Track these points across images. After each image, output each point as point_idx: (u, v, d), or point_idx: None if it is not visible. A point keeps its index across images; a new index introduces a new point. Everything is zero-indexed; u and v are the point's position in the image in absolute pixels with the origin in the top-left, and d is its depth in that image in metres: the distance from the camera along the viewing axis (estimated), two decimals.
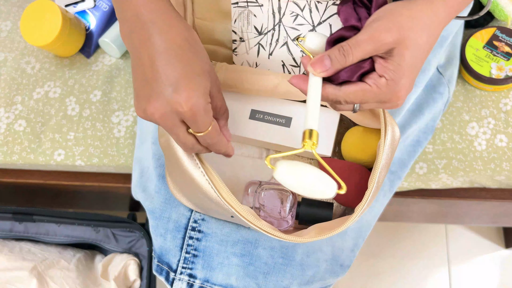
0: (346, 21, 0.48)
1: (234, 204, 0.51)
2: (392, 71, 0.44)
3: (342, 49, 0.44)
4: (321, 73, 0.45)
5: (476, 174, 0.78)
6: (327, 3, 0.57)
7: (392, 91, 0.45)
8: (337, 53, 0.44)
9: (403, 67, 0.44)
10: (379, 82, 0.45)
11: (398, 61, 0.44)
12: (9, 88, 0.90)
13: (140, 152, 0.71)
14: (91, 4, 0.91)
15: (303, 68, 0.49)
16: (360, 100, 0.46)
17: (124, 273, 0.87)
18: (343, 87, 0.46)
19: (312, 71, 0.45)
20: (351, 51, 0.44)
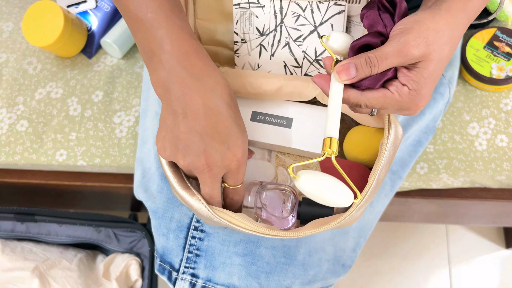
0: (372, 27, 0.48)
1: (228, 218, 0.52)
2: (415, 82, 0.45)
3: (369, 60, 0.45)
4: (345, 81, 0.46)
5: (476, 174, 0.78)
6: (328, 3, 0.57)
7: (413, 101, 0.46)
8: (364, 64, 0.45)
9: (426, 79, 0.46)
10: (401, 90, 0.46)
11: (421, 72, 0.45)
12: (11, 89, 0.90)
13: (142, 152, 0.71)
14: (93, 5, 0.91)
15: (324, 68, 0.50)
16: (381, 106, 0.47)
17: (126, 273, 0.87)
18: (366, 92, 0.46)
19: (337, 78, 0.46)
20: (378, 63, 0.45)
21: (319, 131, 0.62)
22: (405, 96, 0.46)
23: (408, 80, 0.45)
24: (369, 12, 0.48)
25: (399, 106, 0.47)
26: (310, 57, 0.62)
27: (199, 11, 0.63)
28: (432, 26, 0.45)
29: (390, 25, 0.47)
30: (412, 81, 0.45)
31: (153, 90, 0.72)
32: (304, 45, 0.61)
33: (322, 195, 0.45)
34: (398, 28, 0.46)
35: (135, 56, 0.92)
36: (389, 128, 0.53)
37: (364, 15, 0.48)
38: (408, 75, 0.45)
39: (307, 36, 0.61)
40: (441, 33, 0.46)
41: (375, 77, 0.46)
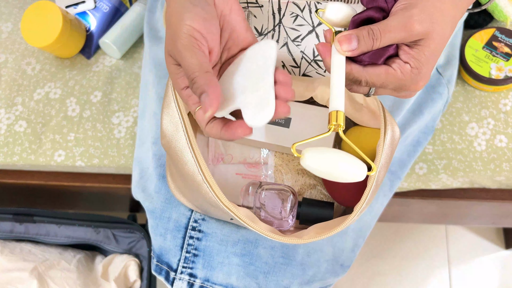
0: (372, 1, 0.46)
1: (232, 208, 0.51)
2: (417, 60, 0.44)
3: (372, 32, 0.44)
4: (346, 52, 0.44)
5: (476, 174, 0.78)
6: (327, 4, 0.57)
7: (414, 79, 0.45)
8: (366, 35, 0.44)
9: (428, 57, 0.45)
10: (404, 68, 0.45)
11: (423, 50, 0.44)
12: (10, 89, 0.90)
13: (140, 152, 0.71)
14: (92, 5, 0.91)
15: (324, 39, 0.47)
16: (382, 83, 0.46)
17: (125, 274, 0.87)
18: (368, 67, 0.45)
19: (338, 47, 0.44)
20: (380, 36, 0.43)
21: (317, 130, 0.62)
22: (407, 74, 0.45)
23: (410, 58, 0.44)
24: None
25: (400, 84, 0.46)
26: (308, 57, 0.62)
27: None
28: (437, 4, 0.44)
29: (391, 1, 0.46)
30: (413, 59, 0.44)
31: (151, 90, 0.73)
32: (302, 45, 0.61)
33: (331, 171, 0.42)
34: (402, 3, 0.45)
35: (134, 57, 0.92)
36: (386, 129, 0.53)
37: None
38: (410, 53, 0.44)
39: (305, 36, 0.60)
40: (446, 11, 0.45)
41: (376, 52, 0.44)
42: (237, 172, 0.66)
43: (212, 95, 0.40)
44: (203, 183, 0.50)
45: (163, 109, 0.54)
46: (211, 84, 0.41)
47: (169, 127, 0.52)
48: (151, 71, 0.74)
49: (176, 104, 0.52)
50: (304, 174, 0.65)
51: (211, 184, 0.50)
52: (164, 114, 0.53)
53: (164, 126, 0.53)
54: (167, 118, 0.53)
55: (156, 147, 0.68)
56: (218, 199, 0.50)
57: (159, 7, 0.79)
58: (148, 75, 0.75)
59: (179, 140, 0.51)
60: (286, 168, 0.65)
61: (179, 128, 0.51)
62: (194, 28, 0.43)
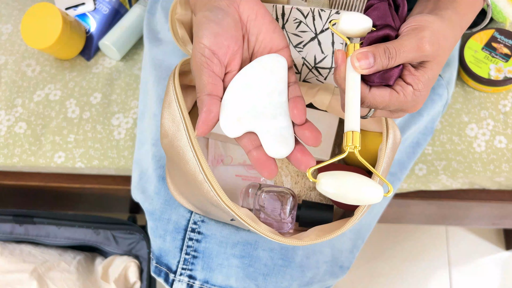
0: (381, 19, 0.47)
1: (233, 207, 0.51)
2: (420, 81, 0.45)
3: (388, 50, 0.44)
4: (363, 70, 0.44)
5: (475, 175, 0.78)
6: (330, 11, 0.57)
7: (415, 101, 0.46)
8: (383, 53, 0.44)
9: (430, 80, 0.46)
10: (406, 90, 0.45)
11: (427, 73, 0.45)
12: (10, 91, 0.90)
13: (140, 154, 0.71)
14: (91, 7, 0.91)
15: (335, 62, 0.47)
16: (385, 105, 0.46)
17: (124, 275, 0.87)
18: (373, 89, 0.46)
19: (355, 63, 0.44)
20: (396, 55, 0.44)
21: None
22: (409, 96, 0.45)
23: (414, 79, 0.45)
24: (380, 4, 0.47)
25: (401, 106, 0.46)
26: (310, 64, 0.62)
27: None
28: (441, 30, 0.46)
29: (397, 21, 0.47)
30: (417, 80, 0.45)
31: (151, 92, 0.73)
32: (304, 52, 0.61)
33: (348, 195, 0.42)
34: (412, 24, 0.45)
35: (134, 58, 0.92)
36: (388, 133, 0.53)
37: (373, 6, 0.47)
38: (415, 74, 0.45)
39: (307, 43, 0.60)
40: (447, 38, 0.46)
41: (385, 72, 0.45)
42: (237, 174, 0.66)
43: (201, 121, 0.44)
44: (205, 182, 0.50)
45: (164, 108, 0.54)
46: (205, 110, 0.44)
47: (170, 127, 0.52)
48: (150, 73, 0.74)
49: (177, 103, 0.52)
50: (304, 176, 0.65)
51: (213, 183, 0.50)
52: (165, 114, 0.53)
53: (166, 126, 0.53)
54: (168, 118, 0.53)
55: (156, 148, 0.68)
56: (219, 198, 0.50)
57: (159, 9, 0.79)
58: (147, 77, 0.75)
59: (181, 139, 0.51)
60: (285, 170, 0.65)
61: (181, 127, 0.51)
62: (205, 46, 0.45)
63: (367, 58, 0.44)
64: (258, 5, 0.48)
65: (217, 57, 0.45)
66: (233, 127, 0.46)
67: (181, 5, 0.68)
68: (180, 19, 0.67)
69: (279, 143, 0.45)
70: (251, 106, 0.46)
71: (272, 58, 0.47)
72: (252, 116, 0.46)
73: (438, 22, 0.46)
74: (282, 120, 0.45)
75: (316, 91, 0.60)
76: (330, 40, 0.59)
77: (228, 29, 0.46)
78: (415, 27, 0.45)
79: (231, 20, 0.46)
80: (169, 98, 0.53)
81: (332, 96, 0.60)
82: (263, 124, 0.45)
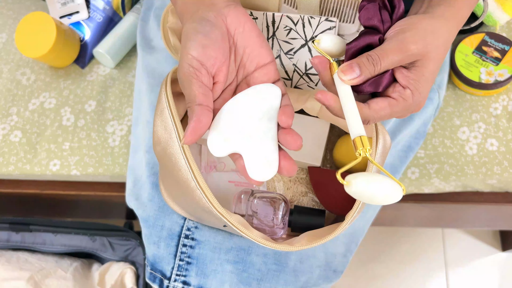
0: (369, 20, 0.47)
1: (225, 214, 0.51)
2: (416, 81, 0.45)
3: (371, 57, 0.45)
4: (351, 80, 0.45)
5: (467, 178, 0.78)
6: (320, 18, 0.58)
7: (416, 101, 0.46)
8: (366, 62, 0.45)
9: (426, 77, 0.46)
10: (404, 94, 0.46)
11: (422, 71, 0.46)
12: (5, 100, 0.91)
13: (134, 160, 0.71)
14: (86, 16, 0.92)
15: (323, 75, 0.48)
16: (389, 115, 0.46)
17: (121, 282, 0.87)
18: (372, 104, 0.46)
19: (342, 76, 0.45)
20: (379, 60, 0.45)
21: (308, 140, 0.63)
22: (409, 99, 0.46)
23: (409, 81, 0.45)
24: (369, 5, 0.47)
25: (405, 111, 0.47)
26: (300, 70, 0.62)
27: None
28: (429, 28, 0.46)
29: (388, 21, 0.47)
30: (412, 81, 0.45)
31: (144, 99, 0.73)
32: (295, 58, 0.62)
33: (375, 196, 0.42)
34: (395, 29, 0.46)
35: (128, 66, 0.92)
36: (377, 139, 0.54)
37: (364, 7, 0.48)
38: (408, 75, 0.45)
39: (298, 49, 0.61)
40: (438, 34, 0.46)
41: (375, 80, 0.45)
42: (230, 180, 0.67)
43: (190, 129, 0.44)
44: (197, 189, 0.51)
45: (156, 116, 0.54)
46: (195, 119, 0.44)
47: (163, 134, 0.53)
48: (143, 80, 0.74)
49: (169, 111, 0.52)
50: (296, 182, 0.65)
51: (204, 190, 0.51)
52: (158, 121, 0.54)
53: (159, 133, 0.53)
54: (161, 125, 0.53)
55: (149, 155, 0.68)
56: (211, 205, 0.51)
57: (151, 16, 0.79)
58: (141, 84, 0.76)
59: (173, 146, 0.52)
60: (278, 176, 0.65)
61: (173, 135, 0.52)
62: (193, 57, 0.45)
63: (353, 70, 0.45)
64: (245, 18, 0.49)
65: (205, 68, 0.46)
66: (219, 147, 0.46)
67: (172, 13, 0.69)
68: (171, 27, 0.68)
69: (263, 166, 0.45)
70: (240, 129, 0.46)
71: (268, 87, 0.48)
72: (239, 138, 0.46)
73: (426, 20, 0.47)
74: (268, 145, 0.46)
75: (307, 97, 0.61)
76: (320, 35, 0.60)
77: (215, 41, 0.46)
78: (398, 30, 0.46)
79: (218, 32, 0.47)
80: (161, 105, 0.54)
81: None
82: (249, 147, 0.46)
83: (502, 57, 0.80)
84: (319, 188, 0.63)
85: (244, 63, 0.50)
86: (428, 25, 0.46)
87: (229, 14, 0.48)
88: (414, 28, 0.46)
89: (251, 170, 0.45)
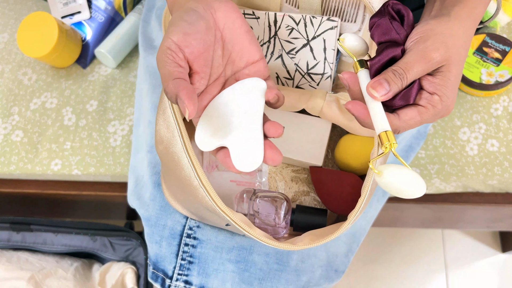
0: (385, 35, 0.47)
1: (228, 213, 0.52)
2: (443, 86, 0.45)
3: (397, 72, 0.45)
4: (382, 96, 0.44)
5: (468, 179, 0.78)
6: (321, 18, 0.58)
7: (445, 106, 0.46)
8: (393, 76, 0.44)
9: (452, 81, 0.46)
10: (432, 100, 0.45)
11: (447, 76, 0.45)
12: (6, 99, 0.91)
13: (135, 160, 0.71)
14: (87, 16, 0.92)
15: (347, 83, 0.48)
16: (419, 123, 0.46)
17: (122, 282, 0.87)
18: (401, 115, 0.46)
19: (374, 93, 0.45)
20: (404, 73, 0.44)
21: (310, 140, 0.63)
22: (438, 105, 0.45)
23: (436, 87, 0.45)
24: (380, 20, 0.47)
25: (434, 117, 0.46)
26: (302, 70, 0.63)
27: None
28: (447, 32, 0.46)
29: (402, 31, 0.47)
30: (439, 86, 0.45)
31: (146, 99, 0.73)
32: (296, 58, 0.62)
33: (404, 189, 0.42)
34: (414, 38, 0.46)
35: (129, 66, 0.92)
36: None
37: (375, 24, 0.48)
38: (434, 81, 0.45)
39: (299, 49, 0.61)
40: (457, 36, 0.46)
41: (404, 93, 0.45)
42: (232, 179, 0.67)
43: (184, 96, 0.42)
44: (200, 187, 0.51)
45: (159, 115, 0.54)
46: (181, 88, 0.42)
47: (165, 133, 0.53)
48: (145, 80, 0.75)
49: (172, 109, 0.52)
50: (298, 181, 0.65)
51: (208, 188, 0.51)
52: (160, 120, 0.54)
53: (161, 132, 0.53)
54: (163, 124, 0.53)
55: (151, 155, 0.68)
56: (214, 203, 0.51)
57: (153, 17, 0.79)
58: (143, 84, 0.76)
59: (176, 145, 0.52)
60: (280, 175, 0.66)
61: (175, 133, 0.52)
62: (172, 41, 0.45)
63: (382, 86, 0.44)
64: (235, 14, 0.49)
65: (183, 53, 0.45)
66: (206, 142, 0.46)
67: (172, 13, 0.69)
68: None
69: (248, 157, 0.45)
70: (227, 123, 0.47)
71: (252, 81, 0.49)
72: (226, 131, 0.46)
73: (443, 24, 0.46)
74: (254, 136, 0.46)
75: (309, 97, 0.61)
76: (322, 46, 0.60)
77: (198, 31, 0.46)
78: (417, 40, 0.46)
79: (203, 24, 0.47)
80: (164, 104, 0.54)
81: (324, 102, 0.61)
82: (235, 139, 0.46)
83: (502, 58, 0.80)
84: (321, 188, 0.63)
85: (233, 59, 0.50)
86: (445, 29, 0.46)
87: (220, 8, 0.48)
88: (433, 35, 0.45)
89: (237, 161, 0.45)
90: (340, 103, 0.60)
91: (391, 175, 0.42)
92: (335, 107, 0.60)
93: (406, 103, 0.46)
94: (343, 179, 0.61)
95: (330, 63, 0.61)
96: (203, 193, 0.51)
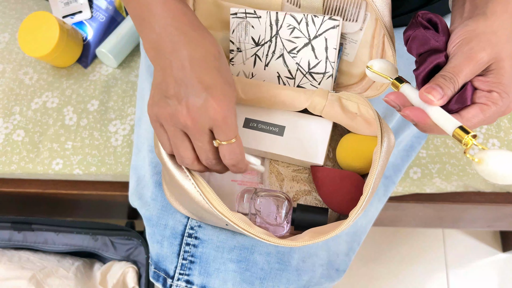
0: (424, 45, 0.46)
1: (226, 213, 0.52)
2: (498, 83, 0.44)
3: (446, 76, 0.44)
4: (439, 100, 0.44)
5: (469, 178, 0.78)
6: (323, 17, 0.58)
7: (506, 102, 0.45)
8: (444, 81, 0.44)
9: (507, 77, 0.45)
10: (492, 97, 0.44)
11: (500, 73, 0.45)
12: (8, 99, 0.91)
13: (137, 160, 0.72)
14: (88, 15, 0.92)
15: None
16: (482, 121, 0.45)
17: (123, 281, 0.87)
18: (463, 113, 0.45)
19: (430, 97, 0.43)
20: (454, 77, 0.44)
21: (311, 139, 0.63)
22: (499, 101, 0.44)
23: (491, 85, 0.44)
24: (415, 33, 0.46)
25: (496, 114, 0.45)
26: (304, 69, 0.63)
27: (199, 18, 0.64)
28: (488, 30, 0.45)
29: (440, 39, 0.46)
30: (495, 84, 0.44)
31: (147, 98, 0.73)
32: (298, 57, 0.62)
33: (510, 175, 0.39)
34: (456, 42, 0.45)
35: (130, 65, 0.92)
36: (382, 137, 0.54)
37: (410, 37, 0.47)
38: (487, 80, 0.44)
39: (301, 48, 0.61)
40: (499, 32, 0.45)
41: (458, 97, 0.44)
42: (233, 179, 0.67)
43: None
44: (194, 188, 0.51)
45: None
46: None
47: None
48: (147, 80, 0.75)
49: None
50: (299, 180, 0.65)
51: (203, 190, 0.51)
52: None
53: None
54: None
55: (152, 155, 0.68)
56: (211, 205, 0.51)
57: None
58: (144, 84, 0.76)
59: None
60: (280, 174, 0.66)
61: None
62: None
63: (436, 89, 0.44)
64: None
65: None
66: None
67: None
68: None
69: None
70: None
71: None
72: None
73: (481, 23, 0.46)
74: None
75: (309, 96, 0.61)
76: (324, 45, 0.60)
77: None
78: (460, 43, 0.45)
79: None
80: None
81: (326, 101, 0.61)
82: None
83: None
84: (322, 187, 0.63)
85: None
86: (486, 28, 0.45)
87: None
88: (475, 35, 0.45)
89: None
90: (342, 102, 0.60)
91: (494, 162, 0.38)
92: (337, 106, 0.61)
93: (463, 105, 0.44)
94: (344, 178, 0.61)
95: (331, 62, 0.61)
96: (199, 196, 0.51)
